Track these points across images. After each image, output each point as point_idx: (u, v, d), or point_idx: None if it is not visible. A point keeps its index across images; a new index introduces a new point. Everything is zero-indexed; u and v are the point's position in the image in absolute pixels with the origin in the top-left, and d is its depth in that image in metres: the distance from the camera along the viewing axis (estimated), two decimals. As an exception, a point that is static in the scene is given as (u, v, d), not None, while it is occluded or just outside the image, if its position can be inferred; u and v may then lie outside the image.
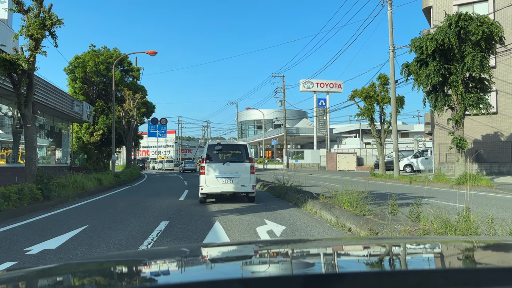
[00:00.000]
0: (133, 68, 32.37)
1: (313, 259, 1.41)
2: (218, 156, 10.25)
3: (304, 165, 42.89)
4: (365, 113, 20.75)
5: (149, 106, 32.15)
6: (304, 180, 13.23)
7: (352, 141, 53.81)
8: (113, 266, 1.34)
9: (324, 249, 1.57)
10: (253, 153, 71.07)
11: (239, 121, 69.19)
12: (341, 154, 35.13)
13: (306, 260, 1.39)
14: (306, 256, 1.47)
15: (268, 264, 1.30)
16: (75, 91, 28.55)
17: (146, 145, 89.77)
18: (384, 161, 21.48)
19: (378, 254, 1.43)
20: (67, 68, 28.47)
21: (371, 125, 21.41)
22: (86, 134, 29.29)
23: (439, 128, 22.21)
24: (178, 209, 9.25)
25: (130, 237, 5.98)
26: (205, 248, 1.73)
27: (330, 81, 46.37)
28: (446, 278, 0.95)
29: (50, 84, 18.91)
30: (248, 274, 1.15)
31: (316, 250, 1.57)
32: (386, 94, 20.62)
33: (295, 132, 49.18)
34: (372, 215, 5.87)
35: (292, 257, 1.41)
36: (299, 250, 1.60)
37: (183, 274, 1.19)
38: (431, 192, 13.23)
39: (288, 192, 10.90)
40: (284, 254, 1.49)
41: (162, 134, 46.29)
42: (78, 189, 12.91)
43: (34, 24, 9.44)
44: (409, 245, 1.54)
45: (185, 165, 43.21)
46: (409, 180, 17.96)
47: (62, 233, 6.34)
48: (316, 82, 45.72)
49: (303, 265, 1.29)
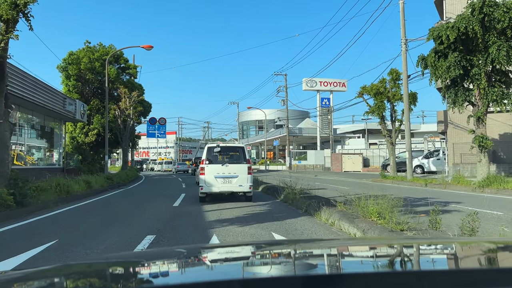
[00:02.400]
0: (130, 65, 31.08)
1: (313, 260, 1.39)
2: (217, 158, 10.62)
3: (308, 166, 41.53)
4: (375, 110, 19.30)
5: (146, 105, 30.80)
6: (309, 182, 12.01)
7: (355, 142, 52.44)
8: (112, 267, 1.34)
9: (324, 250, 1.57)
10: (255, 154, 69.80)
11: (240, 121, 67.74)
12: (346, 155, 33.69)
13: (306, 261, 1.37)
14: (306, 257, 1.44)
15: (267, 265, 1.31)
16: (69, 89, 27.29)
17: (146, 146, 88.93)
18: (395, 162, 20.08)
19: (381, 255, 1.40)
20: (60, 65, 27.19)
21: (381, 123, 19.97)
22: (81, 134, 28.03)
23: (453, 127, 20.87)
24: (171, 218, 7.94)
25: (103, 259, 4.67)
26: (204, 249, 1.75)
27: (334, 79, 45.05)
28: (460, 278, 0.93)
29: (38, 80, 17.64)
30: (248, 275, 1.13)
31: (316, 251, 1.57)
32: (398, 90, 19.21)
33: (297, 132, 47.77)
34: (414, 231, 4.54)
35: (292, 258, 1.40)
36: (299, 251, 1.56)
37: (182, 275, 1.19)
38: (453, 196, 11.94)
39: (296, 197, 9.59)
40: (284, 255, 1.48)
41: (161, 134, 45.42)
42: (63, 193, 11.61)
43: (4, 4, 8.16)
44: (406, 246, 1.55)
45: (177, 166, 42.84)
46: (424, 183, 16.63)
47: (23, 250, 5.07)
48: (320, 81, 44.41)
49: (303, 265, 1.28)
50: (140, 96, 27.06)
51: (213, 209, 9.24)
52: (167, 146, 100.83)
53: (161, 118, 38.37)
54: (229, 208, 9.40)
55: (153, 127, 39.85)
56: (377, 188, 8.86)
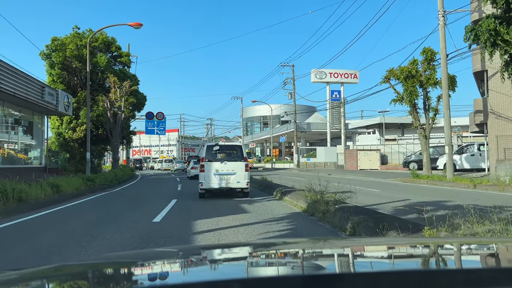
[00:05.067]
0: (122, 53, 28.13)
1: (314, 259, 1.36)
2: (216, 156, 11.02)
3: (317, 164, 38.47)
4: (407, 97, 16.13)
5: (140, 98, 27.82)
6: (328, 183, 9.24)
7: (366, 138, 49.23)
8: (111, 267, 1.32)
9: (325, 250, 1.54)
10: (259, 151, 66.78)
11: (244, 117, 64.63)
12: (362, 151, 30.52)
13: (306, 260, 1.34)
14: (306, 256, 1.41)
15: (267, 265, 1.29)
16: (53, 79, 24.40)
17: (148, 144, 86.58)
18: (429, 159, 16.95)
19: (381, 256, 1.39)
20: (43, 52, 24.29)
21: (412, 112, 16.79)
22: (68, 130, 25.13)
23: (496, 117, 17.74)
24: (138, 245, 4.97)
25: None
26: (204, 249, 1.72)
27: (345, 70, 41.91)
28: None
29: (6, 64, 14.75)
30: (246, 275, 1.11)
31: (317, 250, 1.54)
32: (433, 72, 16.10)
33: (306, 127, 44.64)
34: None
35: (292, 258, 1.39)
36: (299, 250, 1.53)
37: (181, 275, 1.18)
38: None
39: (330, 209, 6.60)
40: (284, 255, 1.46)
41: (161, 131, 43.04)
42: (11, 202, 8.71)
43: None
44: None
45: (176, 165, 39.82)
46: (470, 183, 13.57)
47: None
48: (330, 72, 41.28)
49: (303, 265, 1.26)
50: (133, 86, 24.10)
51: (209, 228, 6.27)
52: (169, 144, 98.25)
53: (158, 113, 35.51)
54: (231, 227, 6.41)
55: (151, 123, 37.18)
56: (417, 190, 6.39)
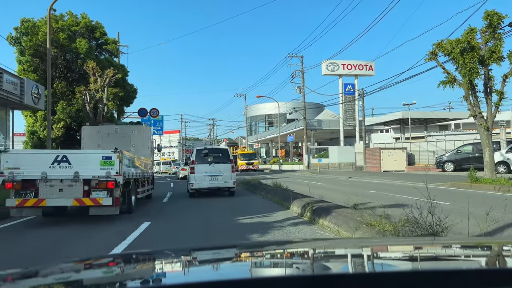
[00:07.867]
0: (108, 40, 24.41)
1: (313, 260, 1.35)
2: (204, 159, 12.25)
3: (331, 165, 34.52)
4: (466, 75, 11.94)
5: (129, 90, 24.06)
6: (357, 190, 5.68)
7: (380, 137, 45.28)
8: (110, 267, 1.33)
9: (325, 250, 1.54)
10: (264, 152, 62.87)
11: (248, 116, 60.75)
12: (386, 150, 26.51)
13: (306, 260, 1.36)
14: (306, 257, 1.42)
15: (266, 265, 1.29)
16: (24, 68, 20.75)
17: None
18: (492, 158, 12.97)
19: (382, 256, 1.40)
20: (11, 36, 20.60)
21: (469, 97, 12.68)
22: (43, 128, 21.48)
23: None
24: None
25: None
26: (202, 249, 1.73)
27: (359, 61, 38.00)
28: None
29: None
30: (245, 275, 1.12)
31: (318, 250, 1.52)
32: (499, 43, 12.12)
33: (316, 125, 40.66)
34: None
35: (291, 258, 1.39)
36: (299, 251, 1.55)
37: (179, 275, 1.18)
38: None
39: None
40: (283, 255, 1.46)
41: (158, 131, 39.87)
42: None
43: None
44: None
45: (173, 167, 36.61)
46: None
47: None
48: (342, 64, 37.41)
49: (302, 265, 1.26)
50: (117, 75, 20.34)
51: None
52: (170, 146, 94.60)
53: (152, 109, 31.54)
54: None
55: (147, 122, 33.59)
56: (495, 202, 5.07)
